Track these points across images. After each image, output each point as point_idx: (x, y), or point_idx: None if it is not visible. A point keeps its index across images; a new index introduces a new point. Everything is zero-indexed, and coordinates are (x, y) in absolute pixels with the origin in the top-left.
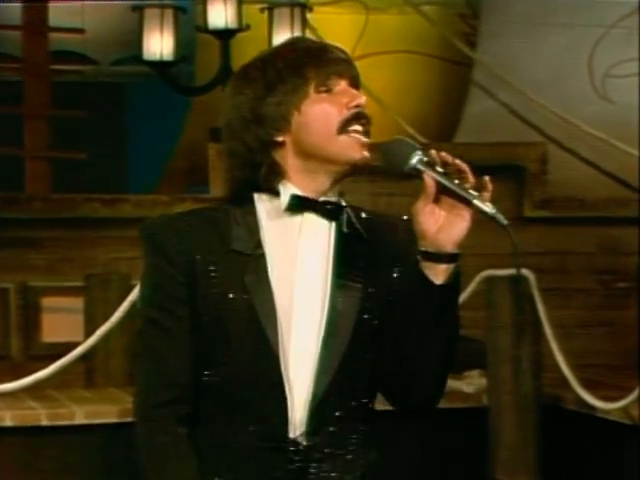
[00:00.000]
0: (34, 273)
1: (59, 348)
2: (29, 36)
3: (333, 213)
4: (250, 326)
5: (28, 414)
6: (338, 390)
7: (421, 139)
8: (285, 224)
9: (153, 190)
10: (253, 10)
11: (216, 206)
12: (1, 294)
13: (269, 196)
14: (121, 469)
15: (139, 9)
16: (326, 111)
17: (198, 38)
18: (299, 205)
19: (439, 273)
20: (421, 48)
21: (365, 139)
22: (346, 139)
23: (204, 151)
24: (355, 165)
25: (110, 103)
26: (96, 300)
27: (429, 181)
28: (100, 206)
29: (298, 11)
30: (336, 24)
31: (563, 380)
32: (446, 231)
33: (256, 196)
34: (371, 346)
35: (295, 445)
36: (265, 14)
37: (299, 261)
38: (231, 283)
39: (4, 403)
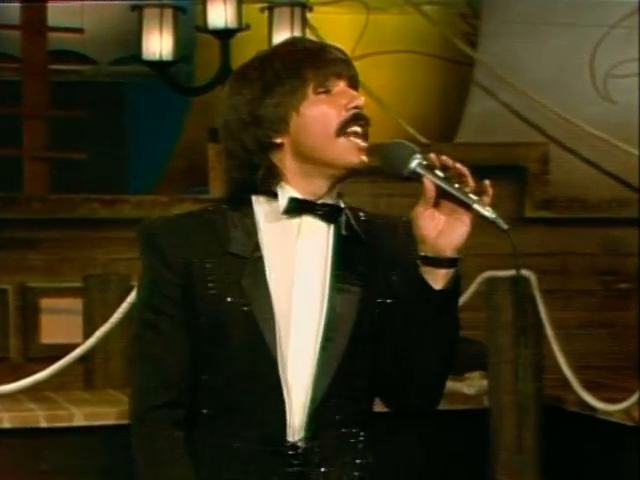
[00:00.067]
0: (33, 274)
1: (58, 349)
2: (28, 36)
3: (331, 216)
4: (248, 329)
5: (27, 416)
6: (337, 393)
7: (422, 139)
8: (283, 227)
9: (152, 190)
10: (253, 10)
11: (214, 208)
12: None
13: (267, 198)
14: (120, 471)
15: (138, 9)
16: (325, 113)
17: (198, 38)
18: (297, 208)
19: (438, 278)
20: (422, 48)
21: (363, 143)
22: (344, 143)
23: (204, 151)
24: (353, 169)
25: (109, 103)
26: (95, 301)
27: (429, 185)
28: (99, 207)
29: (298, 11)
30: (336, 24)
31: (564, 381)
32: (446, 236)
33: (254, 198)
34: (370, 349)
35: (294, 449)
36: (265, 14)
37: (297, 264)
38: (228, 286)
39: (2, 405)
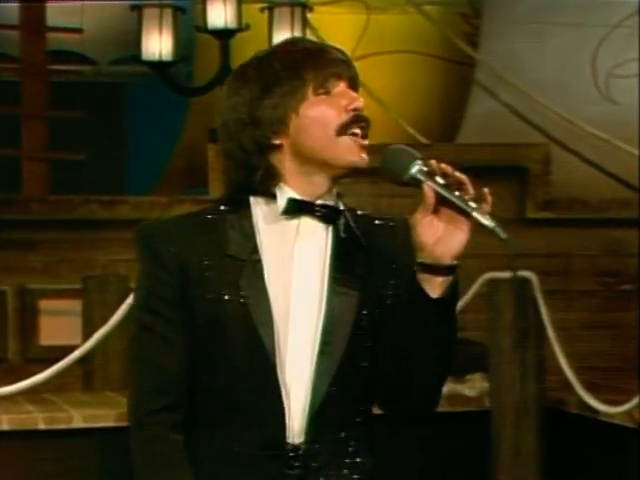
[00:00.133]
0: (31, 275)
1: (57, 351)
2: (27, 36)
3: (330, 217)
4: (246, 331)
5: (25, 418)
6: (336, 397)
7: (422, 140)
8: (282, 228)
9: (152, 191)
10: (253, 10)
11: (212, 209)
12: None
13: (265, 200)
14: (119, 473)
15: (138, 9)
16: (325, 114)
17: (197, 38)
18: (296, 208)
19: (436, 286)
20: (422, 48)
21: (364, 141)
22: (345, 141)
23: (203, 152)
24: (354, 168)
25: (108, 103)
26: (94, 302)
27: (428, 191)
28: (98, 208)
29: (298, 11)
30: (337, 24)
31: (566, 383)
32: (444, 243)
33: (252, 200)
34: (369, 352)
35: (294, 452)
36: (265, 14)
37: (296, 266)
38: (226, 288)
39: (1, 407)
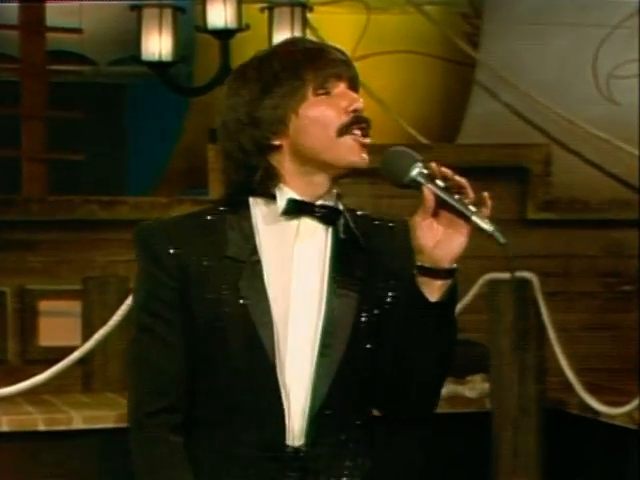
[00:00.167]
0: (31, 276)
1: (56, 352)
2: (26, 36)
3: (330, 218)
4: (246, 333)
5: (25, 419)
6: (336, 399)
7: (423, 140)
8: (281, 229)
9: (152, 191)
10: (253, 10)
11: (211, 210)
12: None
13: (265, 200)
14: (119, 474)
15: (137, 9)
16: (324, 114)
17: (197, 38)
18: (296, 209)
19: (435, 289)
20: (423, 48)
21: (365, 140)
22: (345, 142)
23: (203, 152)
24: (354, 169)
25: (108, 104)
26: (94, 303)
27: (428, 194)
28: (98, 208)
29: (298, 11)
30: (337, 24)
31: (567, 384)
32: (444, 246)
33: (252, 200)
34: (368, 353)
35: (294, 455)
36: (265, 14)
37: (295, 267)
38: (226, 290)
39: (1, 408)
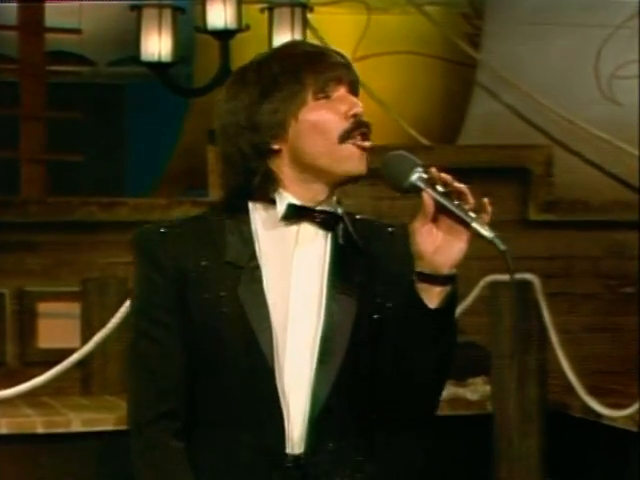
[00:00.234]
0: (30, 278)
1: (55, 354)
2: (25, 36)
3: (329, 223)
4: (244, 337)
5: (24, 422)
6: (336, 406)
7: (424, 141)
8: (281, 234)
9: (151, 192)
10: (253, 10)
11: (210, 214)
12: None
13: (264, 205)
14: (118, 477)
15: (137, 9)
16: (324, 119)
17: (197, 38)
18: (295, 214)
19: (434, 295)
20: (423, 49)
21: (366, 147)
22: (346, 148)
23: (203, 153)
24: (352, 177)
25: (107, 104)
26: (93, 305)
27: (428, 200)
28: (97, 210)
29: (299, 11)
30: (337, 24)
31: (569, 387)
32: (443, 252)
33: (251, 205)
34: (368, 358)
35: (294, 461)
36: (265, 14)
37: (294, 272)
38: (225, 295)
39: None
